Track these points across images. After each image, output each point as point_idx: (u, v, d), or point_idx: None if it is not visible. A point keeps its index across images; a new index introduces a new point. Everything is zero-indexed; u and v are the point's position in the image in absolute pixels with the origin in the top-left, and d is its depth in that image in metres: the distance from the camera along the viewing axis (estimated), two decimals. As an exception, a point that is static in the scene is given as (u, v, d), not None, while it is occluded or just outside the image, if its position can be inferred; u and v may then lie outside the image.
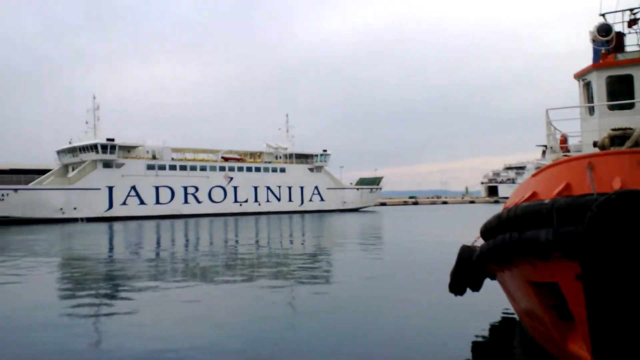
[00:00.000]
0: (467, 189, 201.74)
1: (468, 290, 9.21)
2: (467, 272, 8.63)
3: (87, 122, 74.46)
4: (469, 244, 9.13)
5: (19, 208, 64.63)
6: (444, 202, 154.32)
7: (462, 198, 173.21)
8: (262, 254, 26.30)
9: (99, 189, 70.83)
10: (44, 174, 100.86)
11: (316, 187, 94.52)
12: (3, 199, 63.80)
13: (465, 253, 8.65)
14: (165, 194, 76.95)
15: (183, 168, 79.38)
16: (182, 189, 78.49)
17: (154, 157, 77.66)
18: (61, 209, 67.54)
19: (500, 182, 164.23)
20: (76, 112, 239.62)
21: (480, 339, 9.04)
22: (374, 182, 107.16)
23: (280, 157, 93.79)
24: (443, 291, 10.18)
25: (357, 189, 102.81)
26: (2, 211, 63.62)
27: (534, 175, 6.95)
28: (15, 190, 65.87)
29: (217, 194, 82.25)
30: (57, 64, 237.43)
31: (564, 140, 9.85)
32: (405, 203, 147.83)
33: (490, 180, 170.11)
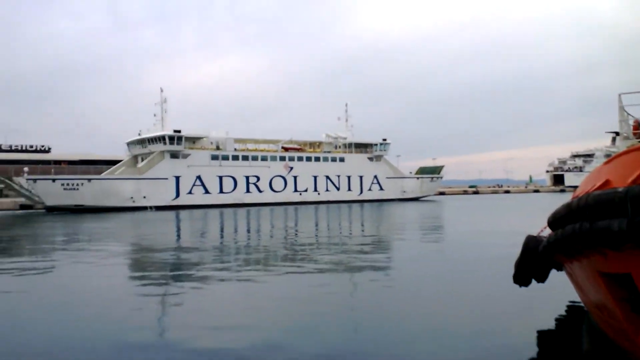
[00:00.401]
0: (530, 177, 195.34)
1: (533, 281, 8.99)
2: (533, 263, 8.41)
3: (155, 115, 77.39)
4: (534, 234, 8.89)
5: (92, 197, 68.33)
6: (507, 191, 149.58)
7: (526, 187, 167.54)
8: (322, 242, 26.45)
9: (167, 178, 73.65)
10: (114, 164, 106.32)
11: (375, 177, 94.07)
12: (78, 189, 67.66)
13: (532, 243, 8.43)
14: (228, 184, 78.93)
15: (245, 158, 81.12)
16: (244, 179, 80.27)
17: (217, 148, 79.73)
18: (132, 197, 70.86)
19: (567, 171, 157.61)
20: (142, 105, 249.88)
21: (546, 332, 8.78)
22: (435, 171, 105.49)
23: (339, 147, 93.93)
24: (506, 282, 9.99)
25: (418, 178, 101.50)
26: (77, 200, 67.48)
27: (606, 163, 6.66)
28: (89, 180, 69.78)
29: (278, 184, 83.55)
30: (126, 58, 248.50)
31: (638, 126, 9.33)
32: (465, 192, 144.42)
33: (556, 169, 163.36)
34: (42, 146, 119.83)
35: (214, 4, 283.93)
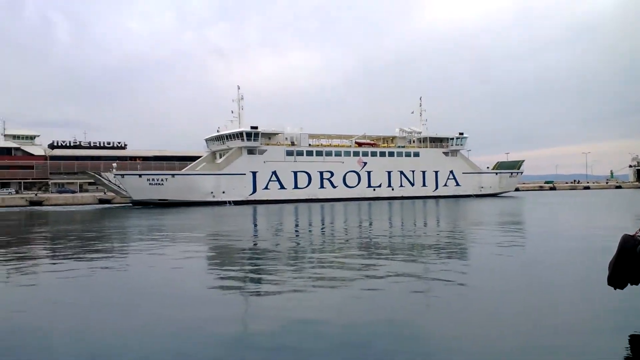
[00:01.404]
0: (612, 172, 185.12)
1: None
2: (631, 264, 7.94)
3: (232, 112, 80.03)
4: (630, 233, 8.38)
5: (175, 191, 71.81)
6: (586, 187, 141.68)
7: (607, 183, 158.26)
8: (395, 239, 26.38)
9: (244, 174, 76.08)
10: (184, 160, 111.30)
11: (451, 172, 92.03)
12: (162, 184, 71.40)
13: (629, 243, 7.97)
14: (302, 179, 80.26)
15: (319, 154, 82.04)
16: (319, 174, 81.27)
17: (292, 144, 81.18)
18: (212, 192, 73.82)
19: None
20: (208, 102, 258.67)
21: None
22: (514, 166, 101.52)
23: (413, 142, 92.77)
24: (598, 284, 9.54)
25: (496, 173, 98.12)
26: (162, 194, 71.24)
27: None
28: (173, 175, 73.54)
29: (352, 179, 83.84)
30: (192, 57, 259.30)
31: None
32: (541, 188, 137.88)
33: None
34: (119, 143, 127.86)
35: (275, 1, 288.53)
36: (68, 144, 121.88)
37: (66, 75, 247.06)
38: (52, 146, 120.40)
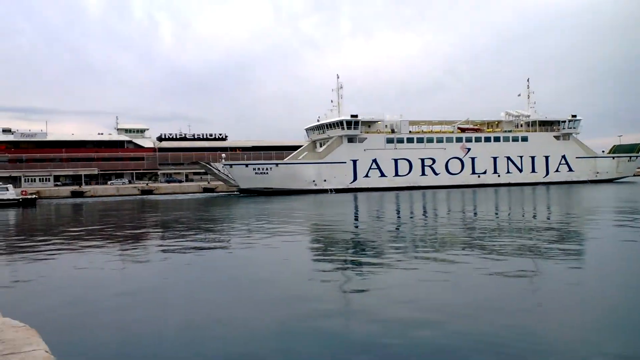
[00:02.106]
0: None
1: None
2: None
3: (331, 101, 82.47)
4: None
5: (279, 180, 75.82)
6: None
7: None
8: (503, 227, 26.56)
9: (345, 162, 78.46)
10: (288, 149, 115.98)
11: (563, 157, 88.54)
12: (267, 173, 75.78)
13: None
14: (403, 167, 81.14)
15: (420, 140, 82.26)
16: (420, 161, 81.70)
17: (392, 131, 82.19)
18: (314, 180, 77.15)
19: None
20: (305, 93, 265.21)
21: None
22: (632, 149, 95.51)
23: (520, 125, 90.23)
24: None
25: (613, 157, 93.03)
26: (267, 183, 75.51)
27: None
28: (277, 164, 77.72)
29: (454, 166, 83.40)
30: (288, 49, 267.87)
31: None
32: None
33: None
34: (220, 134, 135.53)
35: None
36: (174, 137, 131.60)
37: (172, 72, 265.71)
38: (160, 138, 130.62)
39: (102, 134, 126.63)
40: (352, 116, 77.86)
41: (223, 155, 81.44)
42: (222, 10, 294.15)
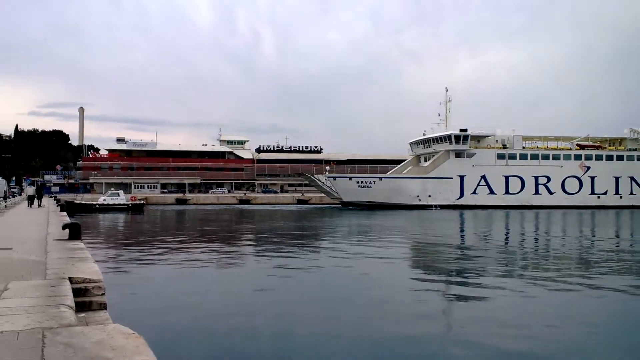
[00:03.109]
0: None
1: None
2: None
3: (439, 114, 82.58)
4: None
5: (382, 194, 76.82)
6: None
7: None
8: (624, 256, 24.96)
9: (451, 178, 78.07)
10: (375, 163, 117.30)
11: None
12: (371, 186, 77.18)
13: None
14: (515, 184, 79.39)
15: (534, 157, 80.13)
16: (533, 179, 79.53)
17: (504, 147, 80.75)
18: (418, 196, 77.49)
19: None
20: (401, 106, 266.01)
21: None
22: None
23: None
24: None
25: None
26: (370, 197, 76.82)
27: None
28: (380, 178, 79.12)
29: (572, 185, 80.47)
30: (390, 61, 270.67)
31: None
32: None
33: None
34: (315, 147, 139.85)
35: (471, 1, 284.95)
36: (272, 148, 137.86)
37: (272, 84, 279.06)
38: (258, 150, 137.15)
39: (205, 144, 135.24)
40: (461, 130, 77.50)
41: (327, 167, 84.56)
42: (323, 23, 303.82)
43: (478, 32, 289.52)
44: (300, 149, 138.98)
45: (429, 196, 77.61)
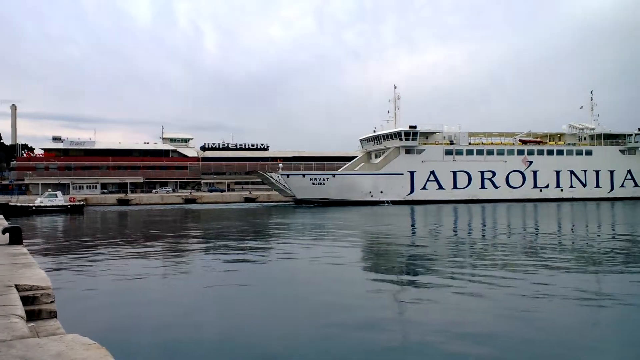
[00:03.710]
0: None
1: None
2: None
3: (388, 112, 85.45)
4: None
5: (335, 191, 78.70)
6: None
7: None
8: (565, 245, 27.02)
9: (402, 174, 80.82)
10: (320, 160, 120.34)
11: (629, 171, 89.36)
12: (324, 183, 78.97)
13: None
14: (462, 179, 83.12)
15: (480, 153, 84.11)
16: (479, 174, 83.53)
17: (451, 143, 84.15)
18: (370, 192, 79.78)
19: None
20: (343, 104, 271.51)
21: None
22: None
23: (584, 139, 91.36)
24: None
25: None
26: (323, 193, 78.52)
27: None
28: (334, 175, 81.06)
29: (515, 179, 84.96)
30: (328, 60, 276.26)
31: None
32: None
33: None
34: (262, 144, 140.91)
35: (413, 1, 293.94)
36: (217, 146, 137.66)
37: (215, 81, 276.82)
38: (203, 148, 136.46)
39: (147, 142, 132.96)
40: (410, 127, 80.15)
41: (280, 164, 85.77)
42: (266, 20, 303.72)
43: (418, 32, 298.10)
44: (247, 147, 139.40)
45: (381, 192, 79.97)
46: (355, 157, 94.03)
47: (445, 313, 13.09)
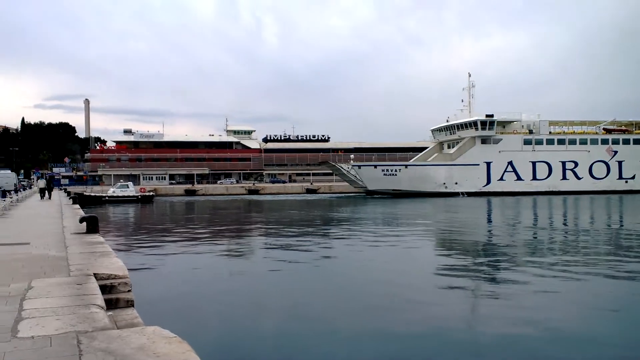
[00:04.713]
0: None
1: None
2: None
3: (462, 101, 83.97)
4: None
5: (408, 182, 78.48)
6: None
7: None
8: None
9: (478, 164, 79.65)
10: (385, 151, 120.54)
11: None
12: (396, 174, 78.87)
13: None
14: (542, 170, 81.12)
15: (561, 142, 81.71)
16: (560, 164, 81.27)
17: (530, 132, 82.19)
18: (444, 183, 79.27)
19: None
20: (407, 93, 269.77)
21: None
22: None
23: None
24: None
25: None
26: (395, 185, 78.45)
27: None
28: (406, 166, 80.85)
29: (599, 170, 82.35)
30: (389, 48, 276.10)
31: None
32: None
33: None
34: (323, 135, 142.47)
35: None
36: (279, 138, 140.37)
37: (276, 73, 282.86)
38: (265, 140, 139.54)
39: (212, 135, 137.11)
40: (487, 116, 78.77)
41: (352, 156, 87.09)
42: (325, 10, 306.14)
43: (481, 16, 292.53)
44: (308, 138, 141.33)
45: (455, 183, 79.31)
46: (419, 147, 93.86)
47: (517, 309, 12.71)
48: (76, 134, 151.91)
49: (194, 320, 11.86)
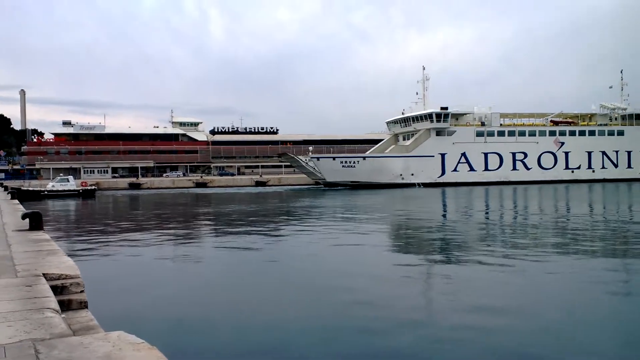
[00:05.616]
0: None
1: None
2: None
3: (417, 93, 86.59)
4: None
5: (366, 174, 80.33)
6: None
7: None
8: (597, 227, 27.28)
9: (433, 156, 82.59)
10: (330, 143, 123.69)
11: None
12: (354, 166, 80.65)
13: None
14: (493, 161, 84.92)
15: (511, 134, 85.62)
16: (511, 155, 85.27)
17: (482, 124, 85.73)
18: (401, 174, 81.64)
19: None
20: (352, 87, 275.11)
21: None
22: None
23: (615, 119, 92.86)
24: None
25: None
26: (353, 176, 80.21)
27: None
28: (364, 158, 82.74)
29: (547, 160, 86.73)
30: (336, 42, 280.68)
31: None
32: None
33: None
34: (271, 127, 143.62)
35: None
36: (227, 130, 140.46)
37: (223, 65, 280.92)
38: (213, 132, 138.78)
39: (157, 127, 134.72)
40: (442, 108, 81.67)
41: (310, 148, 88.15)
42: (272, 3, 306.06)
43: (426, 12, 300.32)
44: (256, 130, 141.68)
45: (412, 174, 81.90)
46: (370, 139, 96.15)
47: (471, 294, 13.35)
48: (11, 126, 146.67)
49: (155, 322, 11.62)
